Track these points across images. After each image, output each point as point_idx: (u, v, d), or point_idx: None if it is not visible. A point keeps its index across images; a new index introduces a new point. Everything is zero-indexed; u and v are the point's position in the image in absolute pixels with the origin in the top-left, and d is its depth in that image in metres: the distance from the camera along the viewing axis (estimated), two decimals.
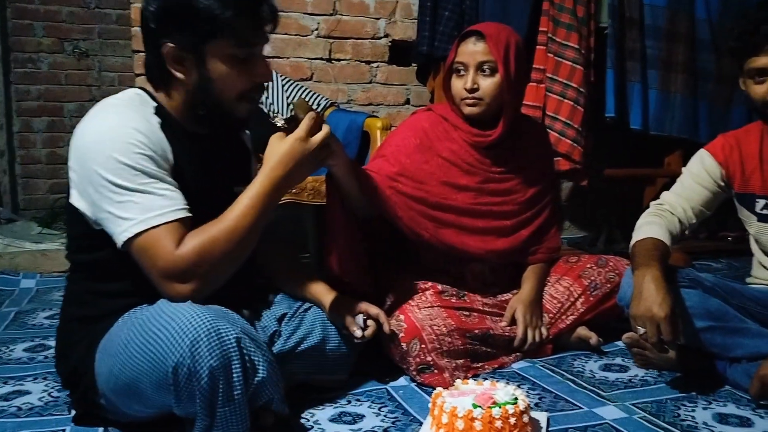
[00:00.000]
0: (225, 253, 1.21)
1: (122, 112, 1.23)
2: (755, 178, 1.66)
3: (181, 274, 1.18)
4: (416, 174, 1.74)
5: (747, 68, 1.55)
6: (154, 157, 1.20)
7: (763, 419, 1.40)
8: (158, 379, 1.11)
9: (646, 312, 1.43)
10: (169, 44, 1.22)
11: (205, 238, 1.20)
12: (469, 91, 1.70)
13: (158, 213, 1.18)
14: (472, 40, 1.71)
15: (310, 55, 2.91)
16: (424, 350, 1.57)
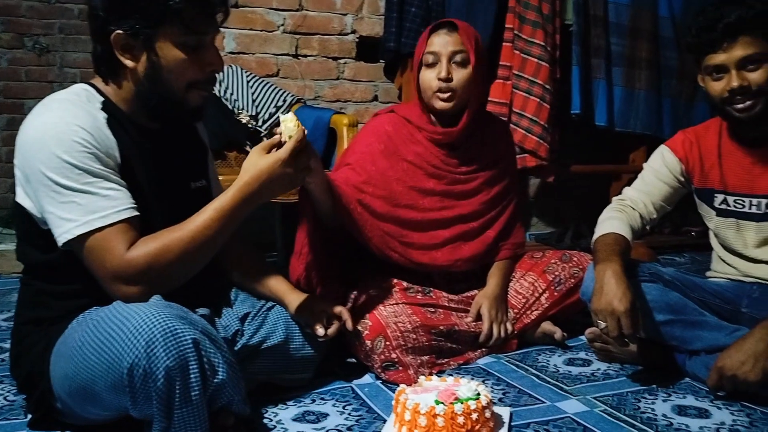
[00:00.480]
0: (176, 262, 1.19)
1: (67, 108, 1.20)
2: (714, 173, 1.69)
3: (129, 277, 1.17)
4: (383, 181, 1.73)
5: (705, 65, 1.57)
6: (99, 155, 1.18)
7: (720, 410, 1.42)
8: (113, 380, 1.09)
9: (606, 306, 1.44)
10: (118, 31, 1.19)
11: (158, 245, 1.18)
12: (444, 80, 1.68)
13: (101, 215, 1.16)
14: (445, 31, 1.71)
15: (276, 51, 2.88)
16: (388, 347, 1.56)
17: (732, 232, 1.68)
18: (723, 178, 1.67)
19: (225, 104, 2.53)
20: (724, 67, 1.53)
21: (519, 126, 2.69)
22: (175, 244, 1.19)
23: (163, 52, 1.21)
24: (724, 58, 1.52)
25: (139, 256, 1.17)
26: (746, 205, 1.64)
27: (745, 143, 1.63)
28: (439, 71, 1.69)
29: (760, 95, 1.51)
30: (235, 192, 1.24)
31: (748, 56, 1.50)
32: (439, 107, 1.73)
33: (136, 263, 1.16)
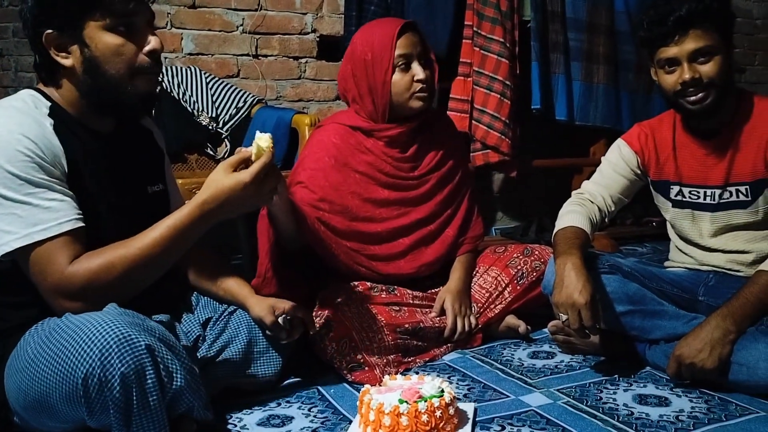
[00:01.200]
0: (119, 280, 1.17)
1: (11, 116, 1.17)
2: (669, 165, 1.72)
3: (70, 293, 1.15)
4: (338, 196, 1.73)
5: (657, 59, 1.60)
6: (43, 164, 1.15)
7: (680, 398, 1.45)
8: (68, 391, 1.07)
9: (567, 299, 1.46)
10: (48, 31, 1.17)
11: (100, 261, 1.16)
12: (423, 81, 1.71)
13: (42, 228, 1.14)
14: (411, 33, 1.73)
15: (236, 52, 2.85)
16: (354, 348, 1.56)
17: (688, 223, 1.72)
18: (678, 170, 1.71)
19: (184, 106, 2.49)
20: (676, 60, 1.55)
21: (481, 122, 2.71)
22: (118, 261, 1.17)
23: (94, 42, 1.19)
24: (675, 51, 1.54)
25: (80, 272, 1.15)
26: (701, 195, 1.68)
27: (698, 135, 1.66)
28: (416, 73, 1.71)
29: (711, 87, 1.54)
30: (192, 209, 1.21)
31: (698, 49, 1.52)
32: (417, 107, 1.75)
33: (77, 279, 1.14)
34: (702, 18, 1.52)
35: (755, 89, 1.71)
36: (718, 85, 1.54)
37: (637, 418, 1.36)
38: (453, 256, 1.89)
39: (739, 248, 1.64)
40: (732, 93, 1.59)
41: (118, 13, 1.19)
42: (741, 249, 1.64)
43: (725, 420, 1.34)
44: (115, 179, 1.27)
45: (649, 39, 1.59)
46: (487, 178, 3.33)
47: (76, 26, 1.18)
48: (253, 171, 1.22)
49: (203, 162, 2.56)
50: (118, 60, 1.21)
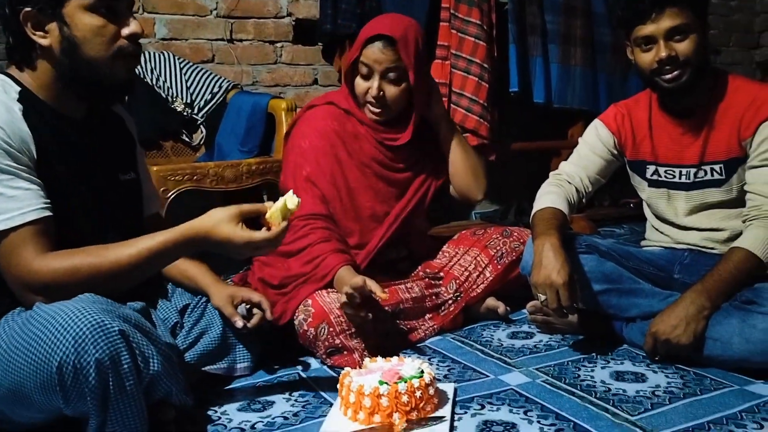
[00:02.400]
0: (83, 287, 1.13)
1: None
2: (645, 145, 1.73)
3: (33, 288, 1.14)
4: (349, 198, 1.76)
5: (634, 37, 1.60)
6: (10, 150, 1.13)
7: (656, 374, 1.47)
8: (43, 380, 1.05)
9: (545, 279, 1.47)
10: (26, 9, 1.15)
11: (67, 265, 1.14)
12: (374, 98, 1.69)
13: (5, 217, 1.12)
14: (380, 46, 1.66)
15: (210, 36, 2.81)
16: (332, 333, 1.56)
17: (663, 202, 1.73)
18: (654, 149, 1.72)
19: (158, 92, 2.45)
20: (653, 38, 1.56)
21: (459, 106, 2.70)
22: (86, 268, 1.14)
23: (74, 21, 1.16)
24: (652, 29, 1.55)
25: (44, 271, 1.13)
26: (676, 175, 1.69)
27: (674, 115, 1.67)
28: (371, 86, 1.68)
29: (686, 65, 1.55)
30: (179, 239, 1.17)
31: (675, 27, 1.53)
32: (369, 117, 1.75)
33: (40, 277, 1.13)
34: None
35: (730, 70, 1.72)
36: (694, 64, 1.55)
37: (614, 394, 1.37)
38: None
39: (713, 226, 1.66)
40: (707, 72, 1.60)
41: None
42: (715, 227, 1.66)
43: (700, 394, 1.36)
44: (86, 166, 1.25)
45: (626, 18, 1.60)
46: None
47: (56, 4, 1.15)
48: (270, 237, 1.17)
49: (179, 149, 2.53)
50: (98, 41, 1.18)
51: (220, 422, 1.32)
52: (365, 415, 1.24)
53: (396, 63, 1.67)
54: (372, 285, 1.50)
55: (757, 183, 1.55)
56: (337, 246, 1.66)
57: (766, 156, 1.54)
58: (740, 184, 1.61)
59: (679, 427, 1.22)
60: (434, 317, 1.79)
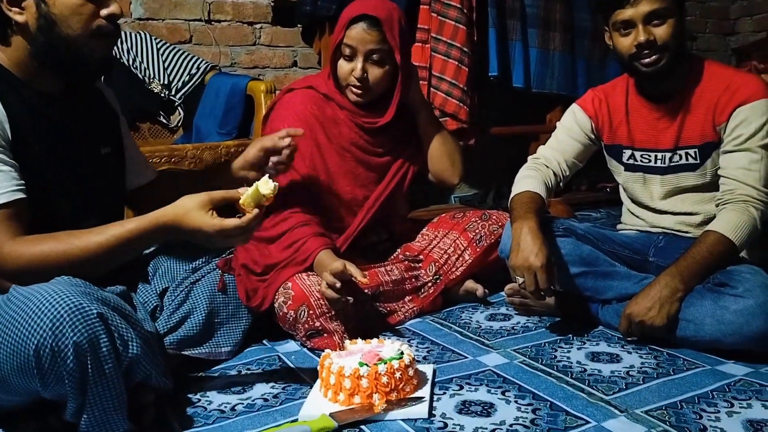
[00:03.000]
0: (53, 273, 1.12)
1: None
2: (622, 129, 1.75)
3: (3, 273, 1.13)
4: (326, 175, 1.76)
5: (613, 21, 1.61)
6: None
7: (630, 354, 1.50)
8: (20, 364, 1.04)
9: (524, 262, 1.49)
10: None
11: (37, 252, 1.13)
12: (358, 79, 1.66)
13: None
14: (364, 26, 1.64)
15: (188, 17, 2.77)
16: (312, 316, 1.56)
17: (639, 186, 1.76)
18: (630, 134, 1.74)
19: (135, 73, 2.42)
20: (632, 22, 1.57)
21: (439, 89, 2.70)
22: (55, 255, 1.14)
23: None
24: (631, 13, 1.56)
25: (13, 256, 1.12)
26: (652, 159, 1.71)
27: (651, 99, 1.69)
28: (354, 67, 1.66)
29: (664, 50, 1.56)
30: (150, 227, 1.16)
31: (653, 11, 1.54)
32: (352, 100, 1.73)
33: (10, 262, 1.12)
34: None
35: (706, 56, 1.74)
36: (672, 49, 1.57)
37: (590, 374, 1.40)
38: None
39: (687, 210, 1.69)
40: (684, 58, 1.62)
41: None
42: (689, 211, 1.69)
43: (673, 374, 1.39)
44: (64, 141, 1.24)
45: (605, 2, 1.61)
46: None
47: None
48: (242, 224, 1.14)
49: (156, 131, 2.50)
50: (76, 19, 1.16)
51: (200, 404, 1.32)
52: (345, 396, 1.25)
53: (380, 45, 1.65)
54: (352, 269, 1.50)
55: (730, 167, 1.58)
56: (316, 230, 1.66)
57: (739, 141, 1.57)
58: (714, 168, 1.64)
59: (652, 405, 1.25)
60: (414, 299, 1.81)
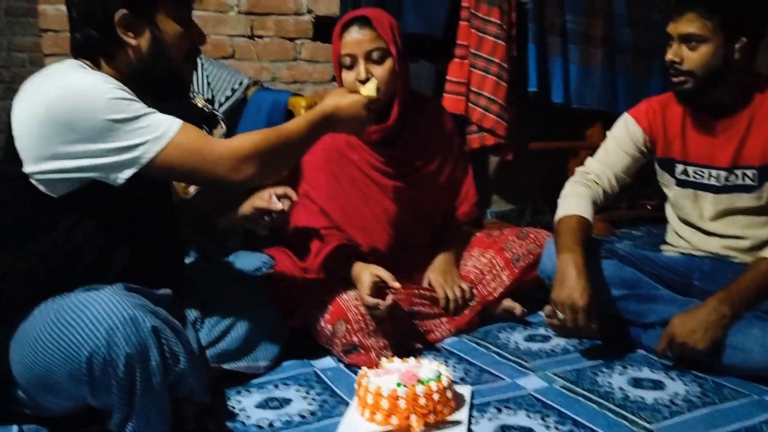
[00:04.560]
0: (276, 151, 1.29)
1: (88, 72, 1.22)
2: (676, 143, 1.69)
3: (243, 158, 1.24)
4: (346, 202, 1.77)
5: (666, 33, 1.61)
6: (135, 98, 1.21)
7: (674, 381, 1.46)
8: (72, 369, 1.08)
9: (567, 299, 1.47)
10: (122, 11, 1.22)
11: (259, 134, 1.29)
12: (363, 82, 1.62)
13: (170, 123, 1.19)
14: (356, 28, 1.65)
15: (231, 32, 2.82)
16: (350, 331, 1.56)
17: (689, 203, 1.70)
18: (684, 148, 1.68)
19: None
20: (671, 37, 1.57)
21: (477, 105, 2.70)
22: (273, 135, 1.30)
23: (163, 26, 1.27)
24: (671, 28, 1.57)
25: (244, 143, 1.25)
26: (705, 176, 1.66)
27: (709, 113, 1.64)
28: (358, 72, 1.64)
29: (689, 75, 1.55)
30: (317, 109, 1.41)
31: (686, 34, 1.53)
32: None
33: (244, 150, 1.24)
34: (700, 4, 1.52)
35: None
36: (698, 76, 1.54)
37: (633, 401, 1.37)
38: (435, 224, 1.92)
39: (737, 233, 1.64)
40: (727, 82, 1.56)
41: (186, 4, 1.33)
42: (739, 234, 1.64)
43: (719, 403, 1.35)
44: None
45: (664, 11, 1.61)
46: (483, 160, 3.32)
47: (150, 11, 1.26)
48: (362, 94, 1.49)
49: None
50: (180, 47, 1.30)
51: (239, 419, 1.33)
52: (382, 416, 1.25)
53: (376, 42, 1.64)
54: (384, 274, 1.56)
55: None
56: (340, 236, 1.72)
57: None
58: None
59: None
60: (450, 319, 1.79)
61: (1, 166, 1.29)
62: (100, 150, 1.16)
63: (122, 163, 1.17)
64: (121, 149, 1.16)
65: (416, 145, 1.82)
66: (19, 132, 1.17)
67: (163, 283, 1.35)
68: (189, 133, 1.21)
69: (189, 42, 1.32)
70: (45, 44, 2.57)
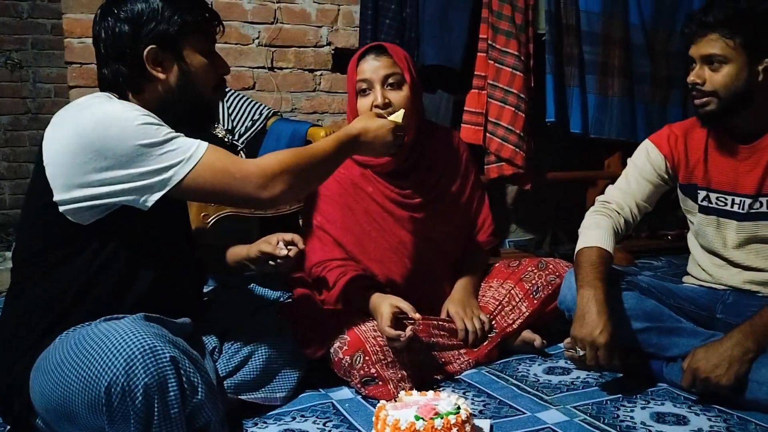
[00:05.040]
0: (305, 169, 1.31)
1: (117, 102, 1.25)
2: (699, 169, 1.68)
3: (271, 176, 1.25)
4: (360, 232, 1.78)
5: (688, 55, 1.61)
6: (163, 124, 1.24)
7: (698, 416, 1.43)
8: (90, 399, 1.09)
9: (587, 336, 1.45)
10: (151, 47, 1.27)
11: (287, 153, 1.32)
12: (381, 107, 1.64)
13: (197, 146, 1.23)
14: (372, 56, 1.68)
15: (252, 64, 2.88)
16: (368, 362, 1.56)
17: (712, 230, 1.68)
18: (707, 174, 1.66)
19: None
20: (694, 59, 1.57)
21: (495, 135, 2.71)
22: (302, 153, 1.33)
23: (190, 59, 1.32)
24: (693, 50, 1.57)
25: (272, 162, 1.27)
26: (728, 203, 1.64)
27: (734, 138, 1.62)
28: (375, 98, 1.66)
29: (712, 96, 1.53)
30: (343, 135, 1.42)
31: (709, 54, 1.53)
32: None
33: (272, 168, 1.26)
34: (722, 24, 1.51)
35: None
36: (721, 96, 1.53)
37: None
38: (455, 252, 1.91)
39: (760, 265, 1.61)
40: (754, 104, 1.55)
41: (211, 38, 1.37)
42: (762, 267, 1.61)
43: None
44: None
45: (687, 35, 1.60)
46: (501, 190, 3.33)
47: (177, 45, 1.30)
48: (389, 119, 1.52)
49: None
50: (207, 78, 1.35)
51: None
52: None
53: (392, 68, 1.67)
54: (403, 305, 1.56)
55: None
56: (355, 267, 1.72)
57: None
58: None
59: None
60: (468, 351, 1.78)
61: (29, 196, 1.32)
62: (130, 175, 1.19)
63: (152, 186, 1.20)
64: (152, 172, 1.19)
65: (431, 175, 1.83)
66: (50, 160, 1.21)
67: (182, 311, 1.36)
68: (217, 153, 1.24)
69: (215, 73, 1.37)
70: (70, 76, 2.63)
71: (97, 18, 1.31)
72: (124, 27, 1.27)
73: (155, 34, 1.27)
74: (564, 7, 2.81)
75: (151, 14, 1.27)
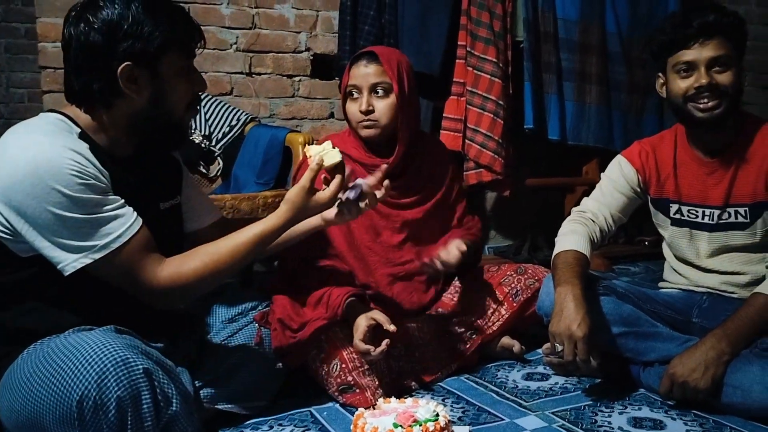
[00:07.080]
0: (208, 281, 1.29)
1: (52, 134, 1.17)
2: (669, 183, 1.71)
3: (165, 294, 1.24)
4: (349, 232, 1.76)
5: (674, 62, 1.59)
6: (88, 181, 1.16)
7: (675, 421, 1.44)
8: (62, 413, 1.05)
9: (565, 330, 1.46)
10: (126, 63, 1.20)
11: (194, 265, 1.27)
12: (364, 113, 1.71)
13: (116, 235, 1.18)
14: (364, 63, 1.72)
15: (230, 69, 2.86)
16: (344, 370, 1.55)
17: (685, 242, 1.71)
18: (678, 188, 1.70)
19: None
20: (694, 64, 1.55)
21: (474, 141, 2.72)
22: (210, 262, 1.28)
23: (167, 78, 1.25)
24: (695, 55, 1.55)
25: (175, 277, 1.24)
26: (699, 215, 1.67)
27: (701, 151, 1.65)
28: (360, 103, 1.71)
29: (724, 96, 1.54)
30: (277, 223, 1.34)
31: (718, 57, 1.53)
32: (364, 135, 1.76)
33: (171, 283, 1.23)
34: (724, 29, 1.54)
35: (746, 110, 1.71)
36: (731, 96, 1.55)
37: None
38: None
39: (734, 269, 1.64)
40: (737, 111, 1.59)
41: (189, 54, 1.29)
42: (736, 270, 1.64)
43: None
44: (131, 200, 1.26)
45: (670, 41, 1.59)
46: (480, 196, 3.33)
47: (154, 63, 1.23)
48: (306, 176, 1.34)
49: (196, 180, 2.54)
50: (182, 97, 1.29)
51: None
52: None
53: (381, 77, 1.70)
54: (380, 317, 1.53)
55: None
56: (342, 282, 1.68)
57: None
58: (765, 228, 1.59)
59: None
60: (448, 356, 1.77)
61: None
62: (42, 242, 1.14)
63: (60, 259, 1.15)
64: (60, 245, 1.15)
65: (418, 178, 1.84)
66: None
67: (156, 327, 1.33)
68: (130, 252, 1.19)
69: (191, 91, 1.30)
70: (44, 81, 2.60)
71: (70, 20, 1.21)
72: (98, 38, 1.18)
73: (132, 50, 1.19)
74: (541, 15, 2.84)
75: (129, 29, 1.18)
